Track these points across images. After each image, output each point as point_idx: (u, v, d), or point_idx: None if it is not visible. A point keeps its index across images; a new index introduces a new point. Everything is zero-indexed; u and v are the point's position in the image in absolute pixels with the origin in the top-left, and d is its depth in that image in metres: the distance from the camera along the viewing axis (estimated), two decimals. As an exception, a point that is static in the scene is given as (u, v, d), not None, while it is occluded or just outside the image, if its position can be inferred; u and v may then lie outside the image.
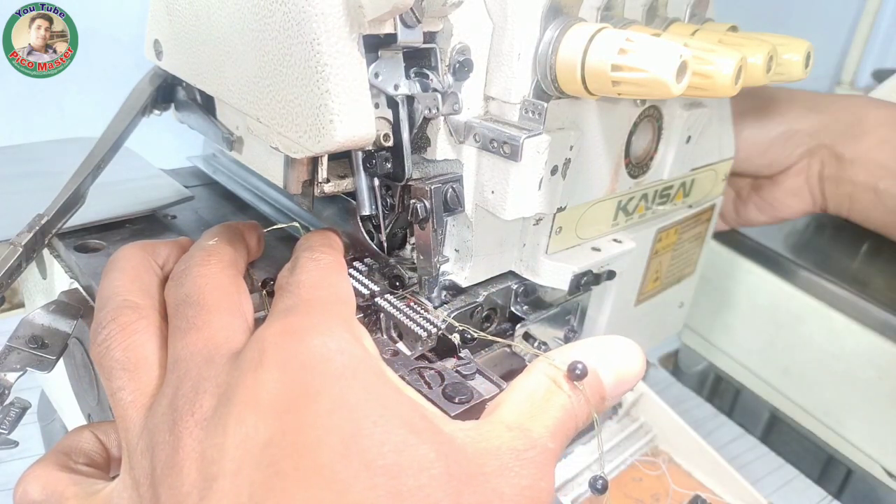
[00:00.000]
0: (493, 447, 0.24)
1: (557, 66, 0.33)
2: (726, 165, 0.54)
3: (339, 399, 0.22)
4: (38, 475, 0.28)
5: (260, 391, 0.23)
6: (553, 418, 0.26)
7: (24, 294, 0.48)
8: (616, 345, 0.29)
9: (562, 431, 0.26)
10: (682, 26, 0.39)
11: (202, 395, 0.24)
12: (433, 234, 0.35)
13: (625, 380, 0.28)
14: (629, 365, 0.28)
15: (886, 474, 0.61)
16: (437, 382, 0.31)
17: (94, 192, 0.40)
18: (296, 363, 0.23)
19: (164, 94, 0.45)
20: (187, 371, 0.25)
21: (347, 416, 0.22)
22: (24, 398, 0.34)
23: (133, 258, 0.32)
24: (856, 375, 0.62)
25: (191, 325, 0.27)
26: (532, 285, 0.42)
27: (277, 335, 0.25)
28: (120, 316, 0.28)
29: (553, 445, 0.25)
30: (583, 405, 0.27)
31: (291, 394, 0.23)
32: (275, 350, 0.24)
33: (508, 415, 0.26)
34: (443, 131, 0.35)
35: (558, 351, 0.28)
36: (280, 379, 0.23)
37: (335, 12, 0.28)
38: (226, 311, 0.28)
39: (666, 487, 0.52)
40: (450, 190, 0.35)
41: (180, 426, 0.24)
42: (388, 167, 0.34)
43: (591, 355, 0.28)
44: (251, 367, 0.24)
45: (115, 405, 0.27)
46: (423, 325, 0.34)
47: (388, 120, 0.33)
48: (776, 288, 0.68)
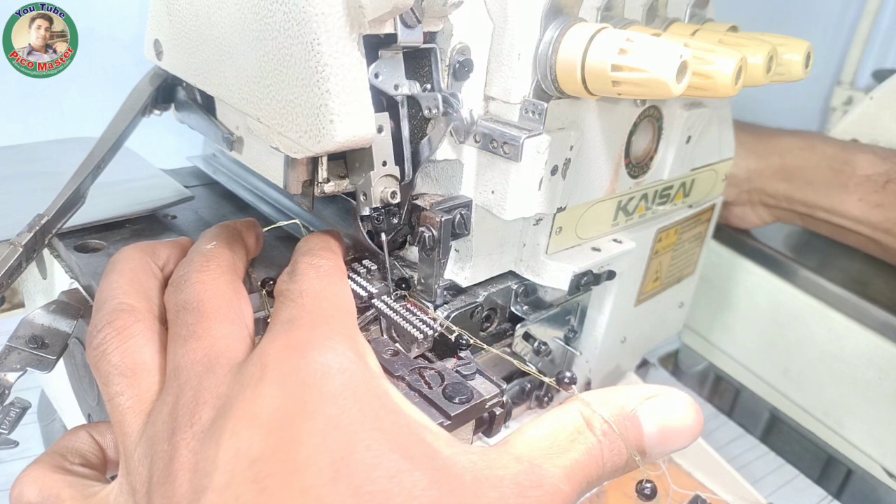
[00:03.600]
0: (494, 477, 0.22)
1: (557, 66, 0.33)
2: (726, 165, 0.54)
3: (334, 420, 0.22)
4: (34, 477, 0.28)
5: (257, 406, 0.23)
6: (572, 459, 0.24)
7: (24, 294, 0.48)
8: (668, 394, 0.26)
9: (581, 475, 0.24)
10: (682, 26, 0.39)
11: (202, 405, 0.24)
12: (438, 263, 0.35)
13: (672, 432, 0.25)
14: (679, 417, 0.25)
15: (886, 474, 0.61)
16: (438, 382, 0.31)
17: (94, 192, 0.40)
18: (296, 380, 0.23)
19: (164, 94, 0.45)
20: (188, 380, 0.25)
21: (340, 438, 0.22)
22: (24, 398, 0.34)
23: (131, 260, 0.32)
24: (856, 375, 0.62)
25: (191, 333, 0.27)
26: (532, 285, 0.42)
27: (280, 350, 0.24)
28: (116, 319, 0.28)
29: (566, 488, 0.23)
30: (615, 451, 0.24)
31: (287, 411, 0.22)
32: (276, 366, 0.24)
33: (523, 446, 0.24)
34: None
35: (599, 392, 0.26)
36: (278, 395, 0.23)
37: (335, 12, 0.28)
38: (226, 319, 0.28)
39: (666, 487, 0.52)
40: (458, 216, 0.35)
41: (178, 436, 0.23)
42: (394, 222, 0.35)
43: (635, 399, 0.25)
44: (252, 381, 0.24)
45: (113, 410, 0.27)
46: (419, 328, 0.34)
47: (396, 177, 0.34)
48: (776, 288, 0.68)
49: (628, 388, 0.26)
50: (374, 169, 0.33)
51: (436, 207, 0.35)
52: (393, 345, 0.34)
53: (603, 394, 0.26)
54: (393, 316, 0.35)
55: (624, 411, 0.25)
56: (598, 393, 0.26)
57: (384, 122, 0.32)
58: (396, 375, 0.31)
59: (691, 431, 0.25)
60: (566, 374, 0.25)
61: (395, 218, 0.35)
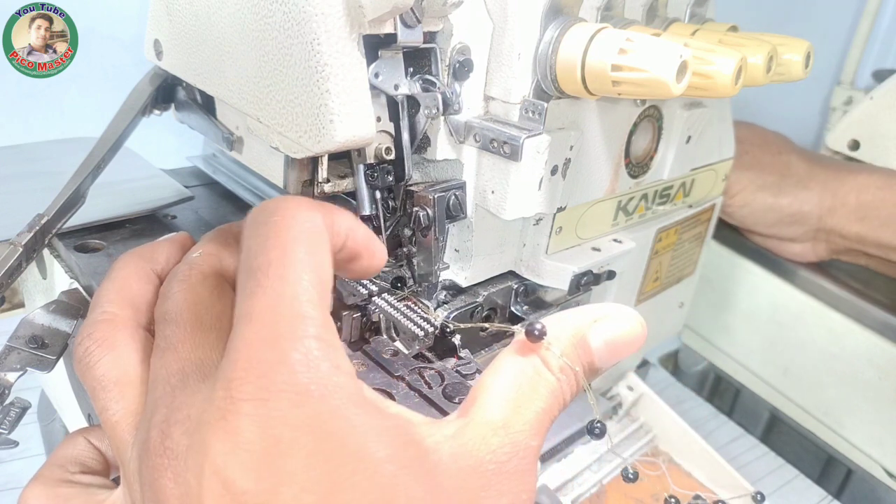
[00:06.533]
0: (475, 464, 0.23)
1: (557, 66, 0.33)
2: (726, 165, 0.54)
3: (315, 448, 0.21)
4: (36, 494, 0.27)
5: (234, 442, 0.21)
6: (539, 408, 0.25)
7: (24, 294, 0.48)
8: (613, 311, 0.27)
9: (547, 419, 0.25)
10: (682, 26, 0.39)
11: (173, 426, 0.23)
12: (435, 242, 0.35)
13: (619, 342, 0.26)
14: (622, 326, 0.26)
15: (886, 474, 0.61)
16: (437, 382, 0.31)
17: (94, 192, 0.40)
18: (267, 409, 0.21)
19: (164, 94, 0.45)
20: (162, 396, 0.24)
21: (325, 467, 0.21)
22: (24, 398, 0.34)
23: (124, 267, 0.31)
24: (856, 376, 0.62)
25: (168, 345, 0.26)
26: (532, 285, 0.42)
27: (244, 372, 0.22)
28: (95, 331, 0.27)
29: (535, 442, 0.24)
30: (571, 384, 0.25)
31: (265, 445, 0.21)
32: (242, 394, 0.22)
33: (494, 408, 0.24)
34: (443, 131, 0.35)
35: (549, 322, 0.26)
36: (252, 429, 0.21)
37: (335, 12, 0.28)
38: (202, 329, 0.26)
39: (666, 487, 0.52)
40: (452, 197, 0.35)
41: (156, 460, 0.23)
42: (389, 180, 0.35)
43: (584, 324, 0.26)
44: (220, 411, 0.22)
45: (104, 423, 0.26)
46: (420, 325, 0.34)
47: (390, 133, 0.33)
48: (776, 288, 0.68)
49: (576, 312, 0.27)
50: None
51: (429, 188, 0.35)
52: (393, 345, 0.34)
53: (554, 324, 0.26)
54: (393, 313, 0.35)
55: (576, 340, 0.26)
56: (550, 325, 0.26)
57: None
58: (396, 375, 0.31)
59: (636, 341, 0.26)
60: (536, 327, 0.25)
61: (389, 176, 0.34)
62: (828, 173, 0.66)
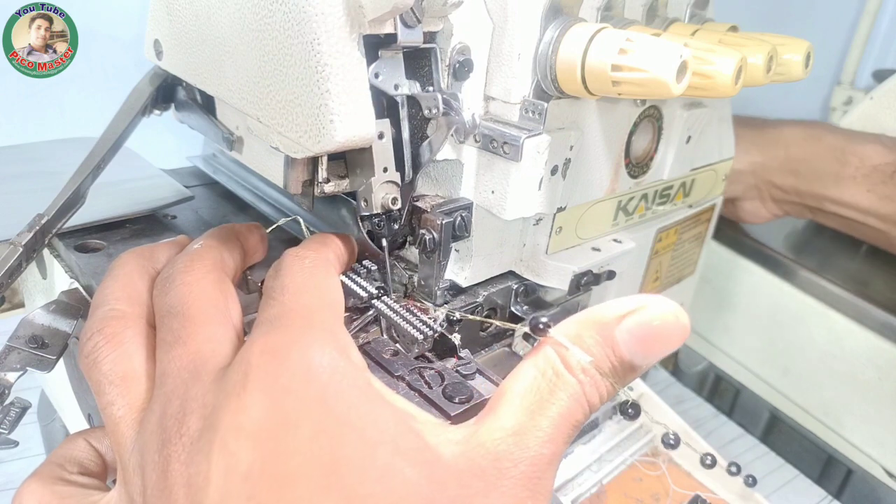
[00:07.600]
0: (475, 467, 0.23)
1: (557, 66, 0.33)
2: (726, 165, 0.54)
3: (320, 425, 0.22)
4: (32, 490, 0.27)
5: (243, 417, 0.22)
6: (556, 413, 0.23)
7: (24, 294, 0.48)
8: (637, 300, 0.24)
9: (568, 424, 0.23)
10: (682, 26, 0.39)
11: (189, 415, 0.24)
12: (438, 265, 0.35)
13: (650, 336, 0.23)
14: (655, 318, 0.23)
15: (886, 474, 0.61)
16: (438, 382, 0.31)
17: (94, 192, 0.40)
18: (277, 387, 0.23)
19: (164, 94, 0.45)
20: (174, 389, 0.25)
21: (327, 444, 0.22)
22: (24, 398, 0.34)
23: (127, 265, 0.31)
24: (856, 376, 0.62)
25: (176, 338, 0.26)
26: (532, 285, 0.42)
27: (259, 356, 0.24)
28: (105, 326, 0.28)
29: (548, 450, 0.23)
30: (598, 386, 0.24)
31: (273, 421, 0.22)
32: (257, 373, 0.23)
33: (507, 417, 0.24)
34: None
35: (572, 322, 0.24)
36: (262, 405, 0.22)
37: (335, 12, 0.28)
38: (211, 322, 0.27)
39: (666, 487, 0.52)
40: (459, 218, 0.35)
41: (168, 448, 0.23)
42: (394, 228, 0.35)
43: (611, 321, 0.24)
44: (235, 390, 0.23)
45: (107, 420, 0.26)
46: (419, 328, 0.34)
47: (396, 183, 0.33)
48: (776, 288, 0.68)
49: (603, 307, 0.24)
50: (375, 175, 0.33)
51: (436, 210, 0.35)
52: (393, 345, 0.34)
53: (576, 323, 0.24)
54: (393, 316, 0.35)
55: (602, 337, 0.24)
56: (571, 323, 0.24)
57: (385, 129, 0.32)
58: (396, 375, 0.31)
59: (674, 334, 0.24)
60: (541, 320, 0.23)
61: (395, 224, 0.35)
62: (753, 132, 0.68)
